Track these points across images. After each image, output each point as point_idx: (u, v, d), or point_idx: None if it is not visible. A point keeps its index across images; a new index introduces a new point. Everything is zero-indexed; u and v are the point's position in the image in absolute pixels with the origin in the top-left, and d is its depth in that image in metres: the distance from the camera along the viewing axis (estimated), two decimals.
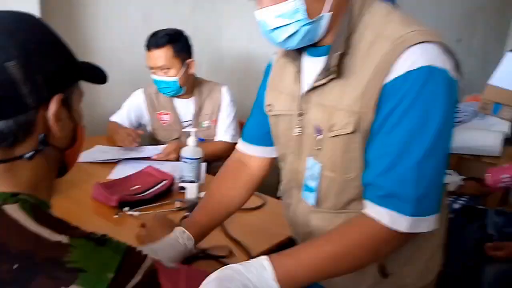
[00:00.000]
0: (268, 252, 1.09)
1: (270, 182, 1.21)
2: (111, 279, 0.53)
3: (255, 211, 1.36)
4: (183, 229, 0.98)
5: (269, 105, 0.99)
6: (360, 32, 0.80)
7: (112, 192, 1.34)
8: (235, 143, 2.07)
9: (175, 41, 1.83)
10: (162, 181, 1.44)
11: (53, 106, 0.58)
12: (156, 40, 1.81)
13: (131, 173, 1.52)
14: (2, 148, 0.57)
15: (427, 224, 0.75)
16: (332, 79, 0.81)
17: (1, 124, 0.55)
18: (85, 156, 1.67)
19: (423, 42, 0.73)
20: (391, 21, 0.78)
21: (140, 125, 2.04)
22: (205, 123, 1.99)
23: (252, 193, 1.12)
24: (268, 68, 1.04)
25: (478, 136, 2.77)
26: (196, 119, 1.98)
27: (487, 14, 4.50)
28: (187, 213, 1.24)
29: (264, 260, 0.72)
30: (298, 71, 0.90)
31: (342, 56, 0.79)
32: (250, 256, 1.09)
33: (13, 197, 0.57)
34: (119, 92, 2.18)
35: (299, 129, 0.89)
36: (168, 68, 1.82)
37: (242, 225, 1.24)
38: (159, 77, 1.85)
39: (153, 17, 2.26)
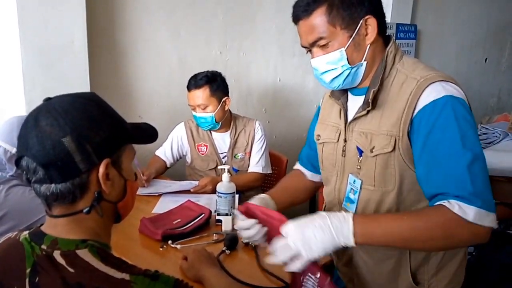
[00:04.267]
0: None
1: (301, 207, 1.43)
2: None
3: None
4: (266, 195, 1.25)
5: (318, 135, 1.24)
6: (393, 76, 1.03)
7: (157, 226, 1.49)
8: (266, 174, 2.23)
9: (212, 82, 2.02)
10: (200, 215, 1.58)
11: (101, 169, 0.71)
12: (196, 81, 2.02)
13: (172, 207, 1.68)
14: (66, 204, 0.71)
15: (489, 219, 0.86)
16: (369, 111, 1.03)
17: (60, 186, 0.69)
18: None
19: (441, 80, 0.95)
20: (417, 68, 1.01)
21: (181, 157, 2.23)
22: (240, 155, 2.16)
23: (311, 196, 1.41)
24: (318, 108, 1.31)
25: (509, 158, 2.75)
26: (231, 151, 2.15)
27: None
28: (224, 248, 1.37)
29: (348, 215, 0.89)
30: (343, 107, 1.13)
31: (377, 92, 1.01)
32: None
33: (82, 243, 0.71)
34: (159, 128, 2.36)
35: (344, 152, 1.11)
36: (206, 106, 2.02)
37: None
38: (198, 113, 2.04)
39: (187, 59, 2.47)
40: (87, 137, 0.69)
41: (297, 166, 1.41)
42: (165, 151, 2.20)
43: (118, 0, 2.19)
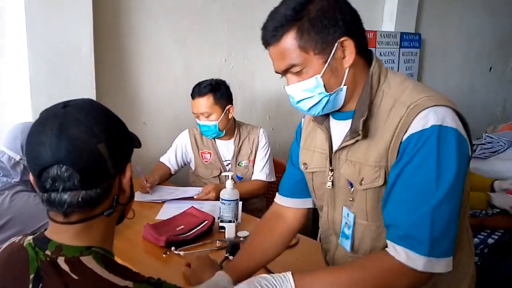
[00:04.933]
0: None
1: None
2: None
3: (289, 249, 1.47)
4: (224, 273, 1.07)
5: (304, 163, 1.11)
6: (380, 99, 0.93)
7: (160, 232, 1.49)
8: (270, 182, 2.22)
9: (216, 90, 2.03)
10: (203, 221, 1.58)
11: (128, 173, 0.75)
12: (200, 89, 2.03)
13: (176, 213, 1.68)
14: (87, 210, 0.71)
15: (441, 265, 0.82)
16: (358, 140, 0.94)
17: (91, 192, 0.69)
18: (135, 196, 1.86)
19: (433, 106, 0.86)
20: (406, 88, 0.92)
21: (185, 163, 2.23)
22: (244, 163, 2.16)
23: (289, 243, 1.23)
24: (299, 129, 1.18)
25: None
26: (235, 159, 2.15)
27: None
28: (227, 254, 1.37)
29: (288, 273, 0.86)
30: (328, 133, 1.03)
31: (366, 121, 0.92)
32: None
33: (87, 250, 0.71)
34: (163, 135, 2.40)
35: (331, 183, 1.03)
36: (209, 114, 2.02)
37: (277, 263, 1.33)
38: (202, 121, 2.05)
39: (193, 66, 2.49)
40: (117, 145, 0.73)
41: (276, 200, 1.24)
42: (169, 158, 2.20)
43: (125, 7, 2.22)
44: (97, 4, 2.02)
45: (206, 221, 1.58)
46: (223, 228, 1.55)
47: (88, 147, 0.68)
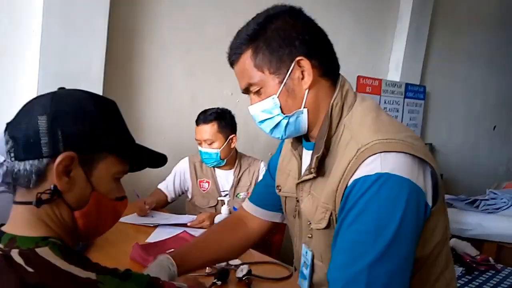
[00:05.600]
0: None
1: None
2: None
3: (281, 281, 1.40)
4: (168, 255, 1.03)
5: (278, 186, 1.07)
6: (339, 132, 0.86)
7: (149, 253, 1.43)
8: None
9: (221, 118, 2.04)
10: None
11: (59, 158, 0.64)
12: (205, 116, 2.04)
13: (168, 237, 1.63)
14: (24, 191, 0.66)
15: None
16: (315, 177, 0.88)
17: (21, 165, 0.65)
18: (127, 218, 1.82)
19: (383, 152, 0.77)
20: (364, 125, 0.83)
21: (183, 192, 2.19)
22: (242, 194, 2.12)
23: (245, 251, 1.19)
24: (279, 149, 1.13)
25: None
26: (234, 190, 2.11)
27: None
28: (215, 280, 1.30)
29: None
30: (299, 161, 0.98)
31: (323, 158, 0.86)
32: None
33: (43, 241, 0.64)
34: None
35: (297, 213, 0.97)
36: (212, 141, 2.01)
37: None
38: (204, 148, 2.04)
39: (199, 96, 2.52)
40: (62, 124, 0.66)
41: (244, 205, 1.20)
42: (167, 185, 2.17)
43: (138, 35, 2.29)
44: (112, 28, 2.08)
45: None
46: None
47: (29, 116, 0.66)
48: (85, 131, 0.68)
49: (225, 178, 2.14)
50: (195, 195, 2.15)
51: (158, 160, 0.81)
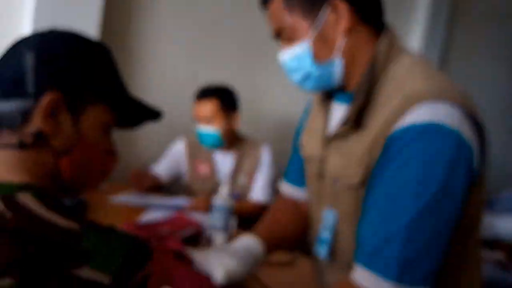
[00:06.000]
0: None
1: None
2: (121, 262, 0.56)
3: (285, 267, 1.30)
4: (255, 236, 0.93)
5: (301, 144, 1.00)
6: (383, 83, 0.78)
7: (142, 232, 1.32)
8: (268, 204, 2.02)
9: (222, 95, 1.90)
10: (190, 226, 1.41)
11: (45, 99, 0.60)
12: (205, 91, 1.90)
13: (160, 218, 1.51)
14: (4, 136, 0.61)
15: None
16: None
17: (1, 105, 0.60)
18: (118, 199, 1.69)
19: (434, 99, 0.69)
20: (413, 73, 0.76)
21: (177, 174, 2.06)
22: (242, 180, 1.99)
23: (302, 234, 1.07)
24: (307, 109, 1.06)
25: None
26: (233, 174, 1.98)
27: None
28: None
29: None
30: (325, 116, 0.91)
31: (362, 109, 0.78)
32: None
33: (25, 187, 0.59)
34: (157, 143, 2.25)
35: (318, 175, 0.89)
36: (212, 119, 1.87)
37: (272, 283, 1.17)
38: (202, 127, 1.90)
39: (200, 76, 2.40)
40: (49, 62, 0.62)
41: (286, 187, 1.11)
42: (161, 168, 2.03)
43: (136, 9, 2.18)
44: (109, 4, 1.98)
45: (193, 226, 1.41)
46: (211, 237, 1.37)
47: (16, 54, 0.62)
48: (74, 72, 0.64)
49: (224, 161, 2.01)
50: (191, 178, 2.02)
51: (152, 114, 0.76)
